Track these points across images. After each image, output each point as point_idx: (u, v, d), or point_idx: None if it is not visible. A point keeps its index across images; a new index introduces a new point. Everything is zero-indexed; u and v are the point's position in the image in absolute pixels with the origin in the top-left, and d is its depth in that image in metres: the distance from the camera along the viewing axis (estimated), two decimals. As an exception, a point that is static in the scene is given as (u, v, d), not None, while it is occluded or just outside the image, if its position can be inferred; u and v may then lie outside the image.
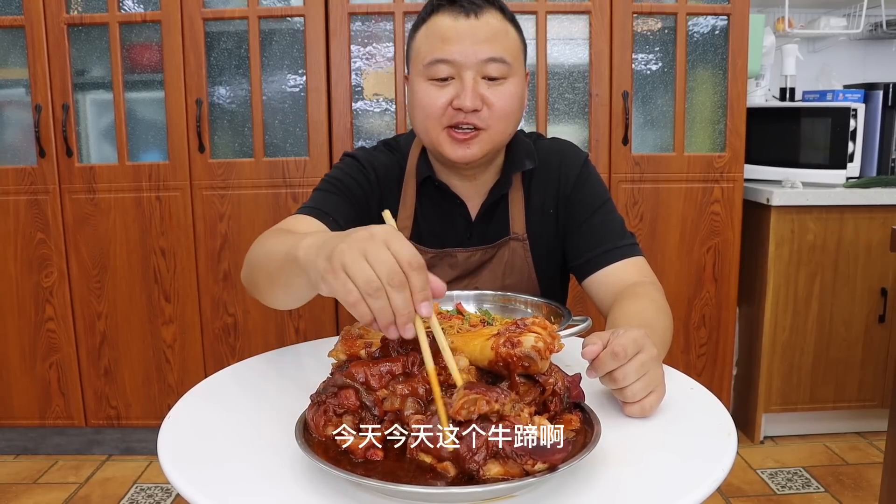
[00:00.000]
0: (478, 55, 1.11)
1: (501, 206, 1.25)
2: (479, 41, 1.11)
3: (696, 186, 2.25)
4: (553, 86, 2.23)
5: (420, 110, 1.15)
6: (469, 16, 1.11)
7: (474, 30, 1.11)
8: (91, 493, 2.16)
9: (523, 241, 1.25)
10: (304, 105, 2.20)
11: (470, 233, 1.26)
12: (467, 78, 1.11)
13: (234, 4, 2.17)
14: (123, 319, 2.27)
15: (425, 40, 1.14)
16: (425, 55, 1.13)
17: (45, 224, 2.22)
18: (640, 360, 0.80)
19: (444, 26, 1.12)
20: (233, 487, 0.66)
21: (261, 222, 2.21)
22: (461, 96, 1.10)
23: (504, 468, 0.60)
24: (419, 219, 1.26)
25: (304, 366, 1.00)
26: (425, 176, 1.23)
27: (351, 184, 1.22)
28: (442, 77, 1.12)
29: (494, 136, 1.14)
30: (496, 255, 1.24)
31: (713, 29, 2.23)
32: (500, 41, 1.12)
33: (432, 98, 1.12)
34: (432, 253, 1.24)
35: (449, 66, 1.11)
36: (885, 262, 2.29)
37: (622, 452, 0.71)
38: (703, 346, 2.34)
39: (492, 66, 1.12)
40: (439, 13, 1.13)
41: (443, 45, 1.11)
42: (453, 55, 1.10)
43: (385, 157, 1.28)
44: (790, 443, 2.41)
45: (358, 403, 0.68)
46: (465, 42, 1.10)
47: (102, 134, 2.25)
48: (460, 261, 1.24)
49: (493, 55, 1.11)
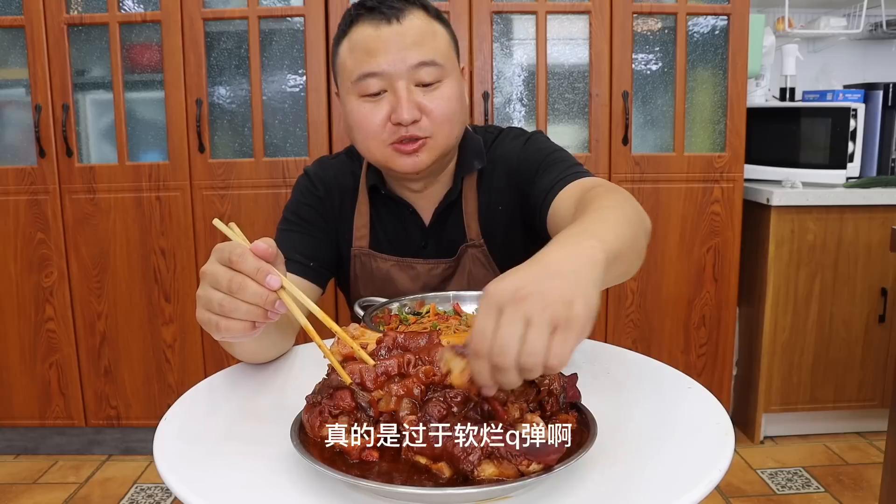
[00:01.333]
0: (407, 62, 1.05)
1: (455, 212, 1.21)
2: (406, 47, 1.05)
3: (696, 186, 2.25)
4: (553, 86, 2.22)
5: (359, 131, 1.09)
6: (391, 21, 1.05)
7: (399, 36, 1.05)
8: (91, 493, 2.16)
9: (481, 247, 1.20)
10: (304, 105, 2.20)
11: (425, 241, 1.22)
12: (400, 89, 1.05)
13: (234, 4, 2.17)
14: (123, 319, 2.28)
15: (349, 55, 1.08)
16: (352, 70, 1.07)
17: (45, 224, 2.22)
18: (505, 330, 0.58)
19: (367, 37, 1.06)
20: (228, 489, 0.66)
21: (261, 222, 2.21)
22: (397, 110, 1.05)
23: (499, 469, 0.60)
24: (375, 227, 1.23)
25: (300, 367, 1.00)
26: (371, 184, 1.20)
27: (304, 212, 1.20)
28: (373, 92, 1.06)
29: (440, 142, 1.10)
30: (458, 267, 1.21)
31: (713, 29, 2.23)
32: (429, 43, 1.07)
33: (368, 117, 1.07)
34: (393, 261, 1.21)
35: (379, 78, 1.05)
36: (885, 262, 2.29)
37: (619, 452, 0.71)
38: (702, 346, 2.34)
39: (423, 70, 1.06)
40: (359, 23, 1.07)
41: (368, 57, 1.05)
42: (381, 66, 1.05)
43: (340, 166, 1.25)
44: (790, 443, 2.41)
45: (353, 404, 0.68)
46: (392, 50, 1.04)
47: (102, 134, 2.25)
48: (421, 273, 1.21)
49: (424, 59, 1.05)
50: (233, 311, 0.71)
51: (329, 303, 2.19)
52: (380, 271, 1.22)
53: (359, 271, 1.23)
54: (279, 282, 0.71)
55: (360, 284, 1.24)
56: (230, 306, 0.71)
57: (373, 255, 1.22)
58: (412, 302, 1.10)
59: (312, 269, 1.15)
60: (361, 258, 1.22)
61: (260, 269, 0.70)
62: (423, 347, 0.71)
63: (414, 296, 1.12)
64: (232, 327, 0.72)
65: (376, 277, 1.22)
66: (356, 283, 1.24)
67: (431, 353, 0.70)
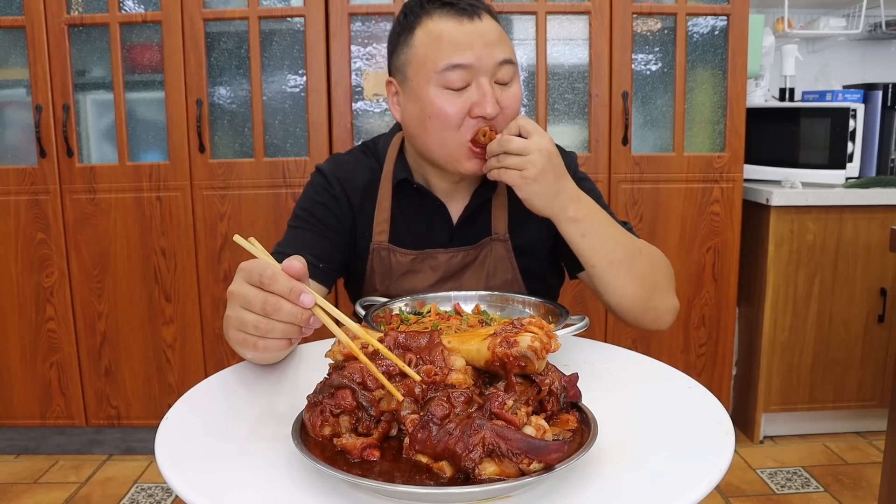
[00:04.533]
0: (493, 58, 1.07)
1: (485, 209, 1.23)
2: (490, 44, 1.07)
3: (695, 186, 2.25)
4: (553, 86, 2.23)
5: (437, 121, 1.09)
6: (473, 18, 1.07)
7: (483, 33, 1.07)
8: (91, 492, 2.17)
9: (505, 242, 1.22)
10: (304, 105, 2.20)
11: (452, 235, 1.23)
12: (485, 84, 1.07)
13: (234, 5, 2.17)
14: (124, 319, 2.28)
15: (431, 45, 1.08)
16: (436, 60, 1.07)
17: (46, 224, 2.22)
18: None
19: (452, 29, 1.07)
20: (230, 488, 0.66)
21: (261, 222, 2.21)
22: (482, 104, 1.06)
23: (500, 468, 0.60)
24: (397, 221, 1.23)
25: (301, 366, 1.00)
26: (401, 178, 1.21)
27: (318, 211, 1.21)
28: (458, 86, 1.07)
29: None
30: (478, 257, 1.22)
31: (713, 29, 2.23)
32: (506, 43, 1.10)
33: (449, 108, 1.07)
34: (413, 255, 1.22)
35: (465, 71, 1.06)
36: (884, 262, 2.29)
37: (619, 452, 0.71)
38: (702, 345, 2.35)
39: (504, 69, 1.08)
40: (435, 16, 1.08)
41: (455, 50, 1.06)
42: (469, 59, 1.06)
43: (356, 162, 1.26)
44: (790, 442, 2.41)
45: (354, 404, 0.69)
46: (477, 46, 1.06)
47: (103, 134, 2.25)
48: (442, 262, 1.22)
49: (506, 57, 1.08)
50: (269, 331, 0.73)
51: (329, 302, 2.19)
52: (399, 265, 1.22)
53: (376, 265, 1.23)
54: (313, 300, 0.71)
55: (376, 279, 1.24)
56: (266, 327, 0.73)
57: (392, 250, 1.22)
58: (413, 301, 1.10)
59: (322, 270, 1.16)
60: (381, 252, 1.22)
61: (293, 289, 0.71)
62: (423, 347, 0.71)
63: (414, 296, 1.12)
64: (270, 346, 0.75)
65: (395, 272, 1.22)
66: (372, 276, 1.24)
67: (432, 353, 0.70)
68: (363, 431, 0.68)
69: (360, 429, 0.69)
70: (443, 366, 0.69)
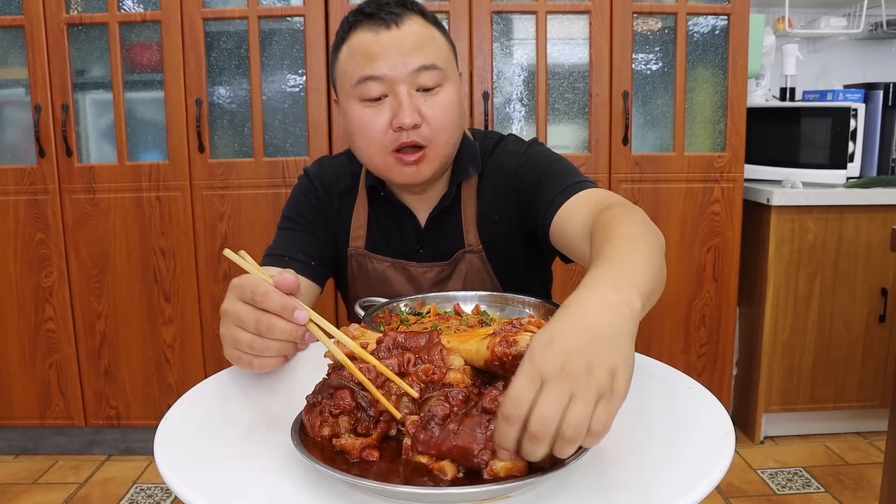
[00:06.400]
0: (408, 66, 1.04)
1: (453, 217, 1.20)
2: (407, 51, 1.04)
3: (696, 186, 2.25)
4: (553, 86, 2.23)
5: (360, 136, 1.08)
6: (391, 27, 1.05)
7: (399, 40, 1.04)
8: (91, 493, 2.16)
9: (479, 253, 1.19)
10: (303, 105, 2.20)
11: (420, 245, 1.22)
12: (401, 93, 1.04)
13: (234, 4, 2.17)
14: (123, 319, 2.28)
15: (349, 60, 1.07)
16: (352, 74, 1.06)
17: (45, 224, 2.22)
18: (548, 402, 0.56)
19: (367, 42, 1.05)
20: (229, 488, 0.66)
21: (261, 222, 2.21)
22: (399, 114, 1.04)
23: (511, 462, 0.60)
24: (373, 227, 1.23)
25: (300, 367, 1.00)
26: (370, 185, 1.20)
27: (305, 211, 1.21)
28: (374, 97, 1.06)
29: (440, 151, 1.10)
30: (454, 272, 1.20)
31: (713, 29, 2.23)
32: (428, 47, 1.06)
33: (369, 122, 1.07)
34: (388, 262, 1.21)
35: (379, 82, 1.05)
36: (885, 262, 2.29)
37: (619, 452, 0.71)
38: (703, 346, 2.34)
39: (424, 75, 1.05)
40: (358, 30, 1.07)
41: (369, 61, 1.05)
42: (382, 70, 1.04)
43: (339, 166, 1.26)
44: (790, 443, 2.40)
45: (353, 404, 0.68)
46: (392, 55, 1.04)
47: (102, 134, 2.25)
48: (416, 275, 1.20)
49: (424, 63, 1.05)
50: (264, 350, 0.73)
51: (329, 303, 2.19)
52: (376, 272, 1.22)
53: (356, 271, 1.24)
54: (307, 316, 0.71)
55: (357, 285, 1.24)
56: (261, 346, 0.73)
57: (368, 256, 1.22)
58: (413, 302, 1.10)
59: (313, 268, 1.16)
60: (358, 258, 1.23)
61: (286, 307, 0.71)
62: (422, 347, 0.71)
63: (415, 296, 1.12)
64: (265, 365, 0.75)
65: (372, 278, 1.22)
66: (353, 283, 1.25)
67: (431, 353, 0.70)
68: (362, 432, 0.68)
69: (359, 429, 0.68)
70: (441, 365, 0.69)
